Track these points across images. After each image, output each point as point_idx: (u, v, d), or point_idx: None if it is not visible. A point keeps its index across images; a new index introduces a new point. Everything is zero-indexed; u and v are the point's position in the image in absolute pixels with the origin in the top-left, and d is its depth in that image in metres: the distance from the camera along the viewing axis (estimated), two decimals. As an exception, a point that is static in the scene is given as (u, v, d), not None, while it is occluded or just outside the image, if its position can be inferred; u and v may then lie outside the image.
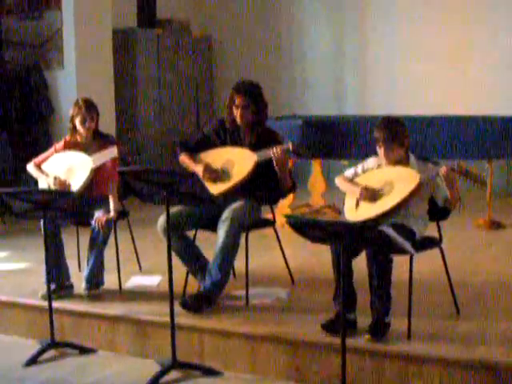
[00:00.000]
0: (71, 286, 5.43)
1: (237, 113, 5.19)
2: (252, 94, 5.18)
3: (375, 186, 4.59)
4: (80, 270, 5.88)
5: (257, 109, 5.20)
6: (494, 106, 8.58)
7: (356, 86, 10.62)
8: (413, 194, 4.45)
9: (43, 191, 5.23)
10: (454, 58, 9.81)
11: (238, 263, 5.30)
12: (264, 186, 5.21)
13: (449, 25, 9.83)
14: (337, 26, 10.64)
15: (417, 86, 9.96)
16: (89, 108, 5.44)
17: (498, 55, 9.58)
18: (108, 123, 8.28)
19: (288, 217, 3.82)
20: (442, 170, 4.35)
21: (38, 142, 8.64)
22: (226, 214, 4.97)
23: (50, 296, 4.94)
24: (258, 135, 5.24)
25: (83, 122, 5.44)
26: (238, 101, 5.17)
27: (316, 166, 8.24)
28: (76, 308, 5.22)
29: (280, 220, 6.03)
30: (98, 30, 8.99)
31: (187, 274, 5.28)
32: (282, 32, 10.96)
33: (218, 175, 5.13)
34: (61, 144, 5.62)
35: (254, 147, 5.15)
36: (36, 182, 5.65)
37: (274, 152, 4.97)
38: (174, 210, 5.00)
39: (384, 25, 10.23)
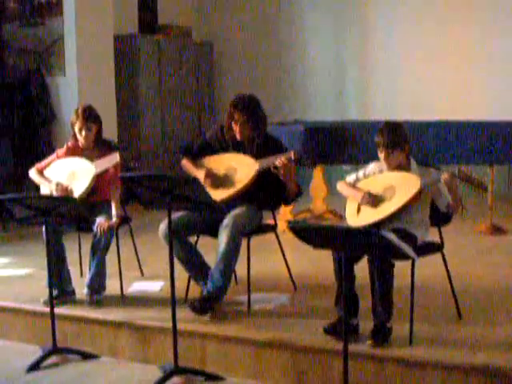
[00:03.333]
0: (73, 292, 5.43)
1: (236, 128, 5.20)
2: (249, 108, 5.18)
3: (377, 191, 4.60)
4: (82, 276, 5.89)
5: (255, 123, 5.20)
6: (497, 112, 8.59)
7: (357, 92, 10.64)
8: (414, 200, 4.46)
9: (45, 197, 5.24)
10: (456, 63, 9.81)
11: (240, 268, 5.30)
12: (266, 191, 5.21)
13: (452, 29, 9.84)
14: (337, 33, 10.66)
15: (418, 91, 9.97)
16: (86, 118, 5.43)
17: (502, 59, 9.57)
18: (109, 129, 8.26)
19: (289, 222, 3.83)
20: (444, 175, 4.35)
21: (40, 148, 8.65)
22: (228, 220, 4.97)
23: (51, 302, 4.94)
24: (260, 143, 5.24)
25: (79, 132, 5.46)
26: (236, 117, 5.18)
27: (317, 172, 8.25)
28: (78, 314, 5.22)
29: (282, 225, 6.04)
30: (100, 36, 9.00)
31: (189, 279, 5.29)
32: (283, 38, 10.98)
33: (219, 181, 5.14)
34: (63, 150, 5.63)
35: (257, 155, 5.15)
36: (38, 188, 5.65)
37: (276, 161, 4.97)
38: (175, 215, 5.00)
39: (385, 30, 10.25)
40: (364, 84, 10.59)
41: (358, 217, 4.65)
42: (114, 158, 5.39)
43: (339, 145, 7.38)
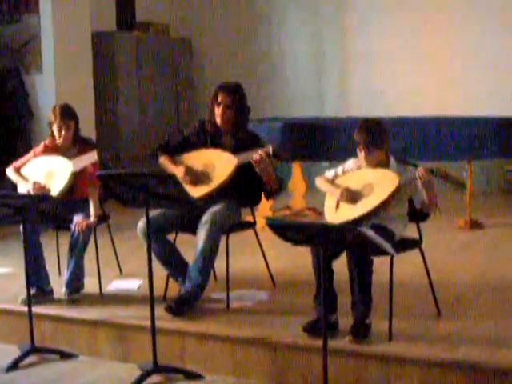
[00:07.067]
0: (51, 291, 5.40)
1: (218, 111, 5.18)
2: (235, 94, 5.19)
3: (355, 187, 4.60)
4: (60, 275, 5.86)
5: (239, 110, 5.19)
6: (474, 108, 8.64)
7: (336, 88, 10.66)
8: (392, 197, 4.45)
9: (22, 196, 5.20)
10: (433, 60, 9.86)
11: (219, 266, 5.30)
12: (245, 188, 5.21)
13: (429, 26, 9.89)
14: (316, 28, 10.67)
15: (397, 87, 10.01)
16: (64, 117, 5.40)
17: (478, 57, 9.62)
18: (88, 127, 8.25)
19: (268, 219, 3.82)
20: (420, 172, 4.36)
21: (17, 146, 8.59)
22: (206, 217, 4.96)
23: (29, 301, 4.91)
24: (239, 138, 5.23)
25: (59, 131, 5.43)
26: (220, 98, 5.16)
27: (296, 168, 8.25)
28: (56, 313, 5.19)
29: (261, 222, 6.03)
30: (77, 33, 8.96)
31: (168, 277, 5.27)
32: (261, 34, 10.98)
33: (198, 178, 5.12)
34: (40, 148, 5.59)
35: (235, 150, 5.14)
36: (15, 187, 5.60)
37: (254, 155, 4.96)
38: (153, 213, 4.98)
39: (364, 26, 10.27)
40: (343, 81, 10.60)
41: (336, 213, 4.64)
42: (92, 155, 5.36)
43: (318, 141, 7.38)
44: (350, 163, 4.80)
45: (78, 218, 5.23)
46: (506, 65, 9.51)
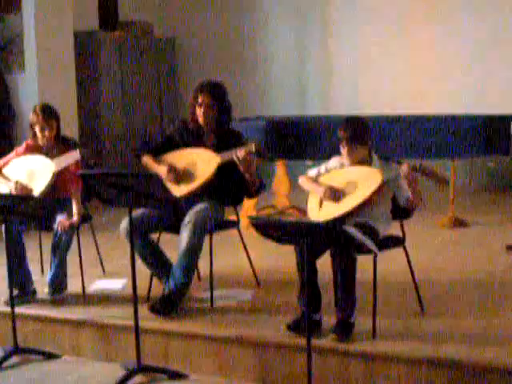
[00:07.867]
0: (34, 291, 5.38)
1: (200, 112, 5.16)
2: (216, 93, 5.17)
3: (338, 185, 4.60)
4: (43, 275, 5.83)
5: (220, 109, 5.18)
6: (458, 106, 8.66)
7: (319, 87, 10.66)
8: (376, 194, 4.46)
9: (4, 196, 5.16)
10: (417, 58, 9.88)
11: (203, 265, 5.28)
12: (227, 187, 5.20)
13: (412, 24, 9.90)
14: (300, 27, 10.67)
15: (380, 85, 10.02)
16: (46, 116, 5.36)
17: (461, 54, 9.65)
18: (70, 126, 8.23)
19: (251, 218, 3.81)
20: (404, 169, 4.36)
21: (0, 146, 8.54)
22: (189, 217, 4.94)
23: (12, 302, 4.89)
24: (222, 136, 5.22)
25: (41, 131, 5.40)
26: (201, 99, 5.14)
27: (280, 167, 8.24)
28: (39, 313, 5.16)
29: (244, 221, 6.03)
30: (60, 32, 8.91)
31: (151, 276, 5.26)
32: (245, 33, 10.97)
33: (180, 177, 5.11)
34: (22, 148, 5.56)
35: (218, 148, 5.13)
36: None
37: (237, 154, 4.95)
38: (136, 212, 4.97)
39: (347, 25, 10.28)
40: (326, 79, 10.60)
41: (320, 211, 4.64)
42: (74, 155, 5.34)
43: (302, 140, 7.38)
44: (334, 161, 4.80)
45: (60, 218, 5.21)
46: (491, 63, 9.54)
